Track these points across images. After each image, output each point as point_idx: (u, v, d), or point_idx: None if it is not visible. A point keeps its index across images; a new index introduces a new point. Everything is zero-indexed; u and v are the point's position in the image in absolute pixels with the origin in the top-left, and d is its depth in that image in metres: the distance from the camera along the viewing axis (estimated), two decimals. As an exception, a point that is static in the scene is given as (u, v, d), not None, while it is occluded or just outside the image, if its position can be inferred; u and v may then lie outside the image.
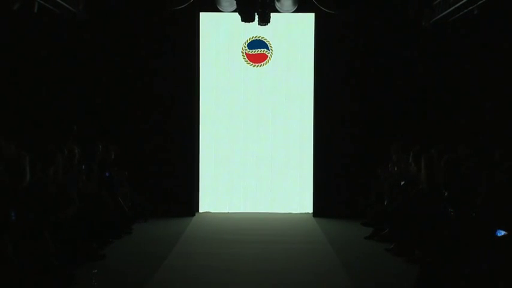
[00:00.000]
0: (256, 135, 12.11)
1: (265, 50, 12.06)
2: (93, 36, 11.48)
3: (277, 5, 10.95)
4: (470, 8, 9.78)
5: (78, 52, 11.47)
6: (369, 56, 11.59)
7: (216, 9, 11.25)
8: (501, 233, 6.10)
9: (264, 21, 10.78)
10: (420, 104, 11.59)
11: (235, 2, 10.38)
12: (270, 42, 12.06)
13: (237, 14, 10.69)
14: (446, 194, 7.60)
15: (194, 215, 11.73)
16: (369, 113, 11.64)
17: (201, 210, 12.06)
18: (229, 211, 12.07)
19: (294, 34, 12.06)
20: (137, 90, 11.63)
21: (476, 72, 11.34)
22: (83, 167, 9.16)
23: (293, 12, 11.39)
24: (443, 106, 11.54)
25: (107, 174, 9.51)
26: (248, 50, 12.07)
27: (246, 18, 10.59)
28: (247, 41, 12.07)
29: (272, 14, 10.84)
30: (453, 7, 10.03)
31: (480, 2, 9.48)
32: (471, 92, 11.42)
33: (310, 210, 11.91)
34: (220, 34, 12.04)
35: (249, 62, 12.07)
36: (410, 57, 11.50)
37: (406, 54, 11.50)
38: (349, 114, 11.66)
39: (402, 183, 9.15)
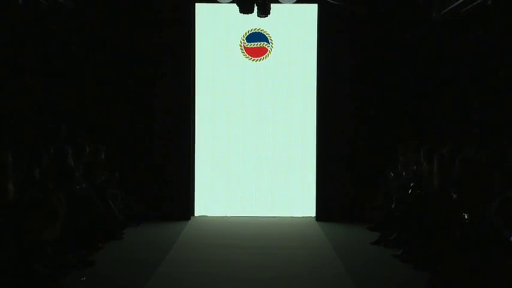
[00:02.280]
0: (255, 134, 12.09)
1: (265, 43, 12.04)
2: (82, 28, 11.45)
3: (278, -5, 10.95)
4: (484, -2, 9.78)
5: (65, 45, 11.44)
6: (376, 50, 11.57)
7: (212, -1, 11.25)
8: None
9: (264, 12, 10.76)
10: (429, 101, 11.57)
11: (233, -8, 10.39)
12: (270, 35, 12.04)
13: (235, 4, 10.67)
14: (454, 195, 7.59)
15: (189, 219, 11.71)
16: (376, 111, 11.62)
17: (196, 213, 12.04)
18: (227, 215, 12.05)
19: (295, 26, 12.03)
20: (128, 87, 11.60)
21: (489, 67, 11.32)
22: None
23: (295, 3, 11.37)
24: (453, 103, 11.53)
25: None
26: (247, 43, 12.05)
27: (245, 9, 10.57)
28: (245, 33, 12.05)
29: (272, 5, 10.82)
30: (465, -3, 10.03)
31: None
32: (484, 88, 11.40)
33: (313, 213, 11.90)
34: (217, 26, 12.01)
35: (247, 56, 12.05)
36: (420, 50, 11.49)
37: (415, 47, 11.48)
38: (354, 111, 11.64)
39: (412, 185, 9.13)
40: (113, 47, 11.54)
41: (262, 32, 12.04)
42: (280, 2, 11.23)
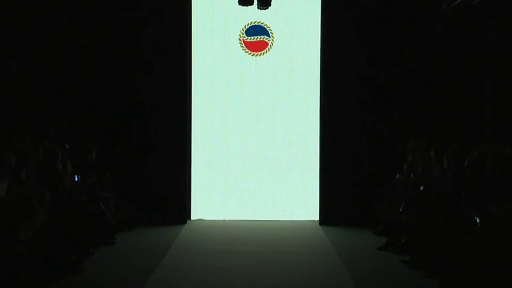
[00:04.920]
0: (255, 133, 12.08)
1: (266, 37, 12.03)
2: (72, 19, 11.43)
3: (279, -14, 10.95)
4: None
5: (54, 36, 11.42)
6: (383, 44, 11.55)
7: (210, -9, 11.25)
8: None
9: (264, 4, 10.75)
10: (439, 98, 11.54)
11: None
12: (271, 28, 12.04)
13: (233, -4, 10.67)
14: (466, 198, 7.59)
15: (185, 222, 11.70)
16: (383, 109, 11.59)
17: (193, 217, 12.04)
18: (225, 218, 12.05)
19: (298, 19, 12.03)
20: (121, 83, 11.59)
21: (503, 62, 11.29)
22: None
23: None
24: (465, 99, 11.50)
25: (76, 178, 9.43)
26: (246, 37, 12.04)
27: (244, 1, 10.56)
28: (245, 27, 12.04)
29: (273, -3, 10.84)
30: (477, -12, 10.02)
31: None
32: (498, 84, 11.38)
33: (316, 217, 11.89)
34: (214, 19, 12.01)
35: (247, 50, 12.04)
36: (429, 44, 11.46)
37: (424, 41, 11.46)
38: (360, 110, 11.61)
39: (421, 187, 9.10)
40: (105, 41, 11.52)
41: (262, 25, 12.03)
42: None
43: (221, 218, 12.05)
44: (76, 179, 9.24)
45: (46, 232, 7.25)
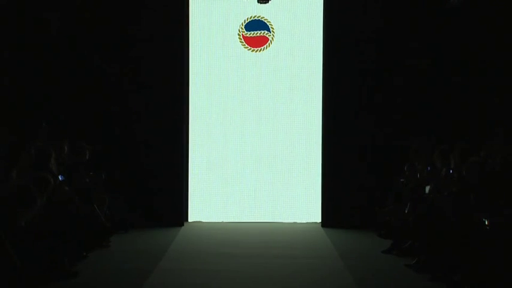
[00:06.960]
0: (255, 132, 12.09)
1: (266, 32, 12.03)
2: (72, 17, 11.44)
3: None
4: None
5: (43, 30, 11.41)
6: (388, 38, 11.54)
7: (208, -16, 11.25)
8: None
9: (265, -2, 10.78)
10: (444, 96, 11.54)
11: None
12: (271, 23, 12.04)
13: (233, -10, 10.68)
14: (473, 197, 7.60)
15: (183, 225, 11.71)
16: (388, 106, 11.59)
17: (190, 219, 12.04)
18: (224, 220, 12.05)
19: (299, 13, 12.04)
20: (116, 80, 11.58)
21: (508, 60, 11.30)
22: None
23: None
24: (472, 97, 11.49)
25: (60, 177, 9.40)
26: (246, 32, 12.04)
27: (244, -6, 10.60)
28: (244, 21, 12.04)
29: (274, -10, 10.85)
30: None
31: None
32: (508, 81, 11.38)
33: (318, 219, 11.89)
34: (213, 13, 12.01)
35: (246, 46, 12.04)
36: (436, 39, 11.46)
37: (431, 36, 11.45)
38: (364, 107, 11.61)
39: (428, 188, 9.10)
40: (100, 38, 11.51)
41: (262, 19, 12.04)
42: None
43: (220, 220, 12.05)
44: (60, 178, 9.22)
45: (38, 234, 7.25)
